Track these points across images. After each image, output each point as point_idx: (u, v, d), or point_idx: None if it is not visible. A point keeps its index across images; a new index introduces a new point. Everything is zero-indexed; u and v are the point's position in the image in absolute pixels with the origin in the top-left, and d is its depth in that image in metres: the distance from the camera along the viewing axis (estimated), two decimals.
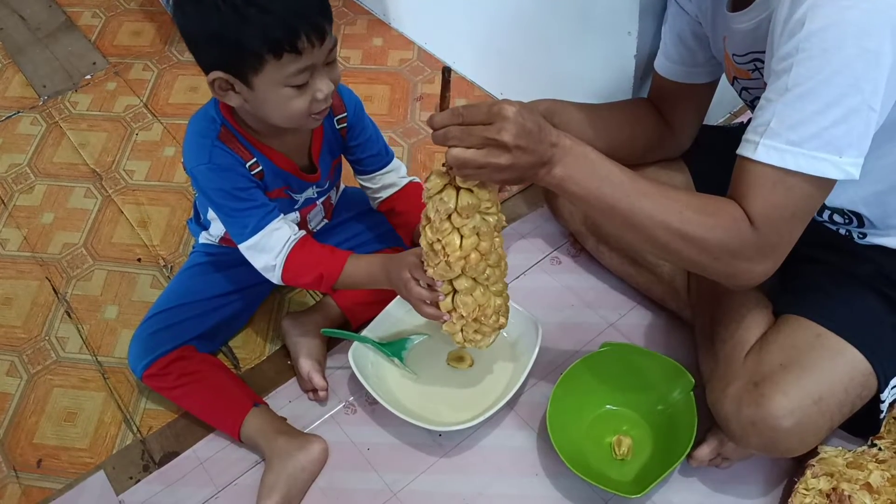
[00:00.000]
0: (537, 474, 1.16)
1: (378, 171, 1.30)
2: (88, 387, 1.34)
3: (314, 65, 1.00)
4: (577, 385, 1.17)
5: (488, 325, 1.06)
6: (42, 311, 1.46)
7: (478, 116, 0.84)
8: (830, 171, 0.81)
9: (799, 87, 0.80)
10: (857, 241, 1.06)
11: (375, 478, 1.18)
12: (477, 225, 0.94)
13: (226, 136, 1.11)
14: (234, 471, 1.20)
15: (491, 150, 0.84)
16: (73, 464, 1.24)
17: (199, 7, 0.96)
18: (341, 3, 2.13)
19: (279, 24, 0.94)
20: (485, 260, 0.97)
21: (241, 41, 0.95)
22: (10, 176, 1.74)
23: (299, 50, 0.96)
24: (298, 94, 1.01)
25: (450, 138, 0.85)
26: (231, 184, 1.11)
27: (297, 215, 1.26)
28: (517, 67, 1.68)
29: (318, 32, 0.97)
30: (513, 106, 0.83)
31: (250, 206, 1.12)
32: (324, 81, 1.02)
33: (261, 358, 1.35)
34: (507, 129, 0.82)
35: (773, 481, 1.12)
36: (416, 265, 1.05)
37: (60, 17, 2.19)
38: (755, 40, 0.96)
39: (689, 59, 1.16)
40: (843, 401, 0.96)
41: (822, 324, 0.99)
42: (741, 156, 0.86)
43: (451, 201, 0.91)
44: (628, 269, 1.34)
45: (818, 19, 0.78)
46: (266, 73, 0.98)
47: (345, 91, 1.22)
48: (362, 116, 1.25)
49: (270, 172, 1.16)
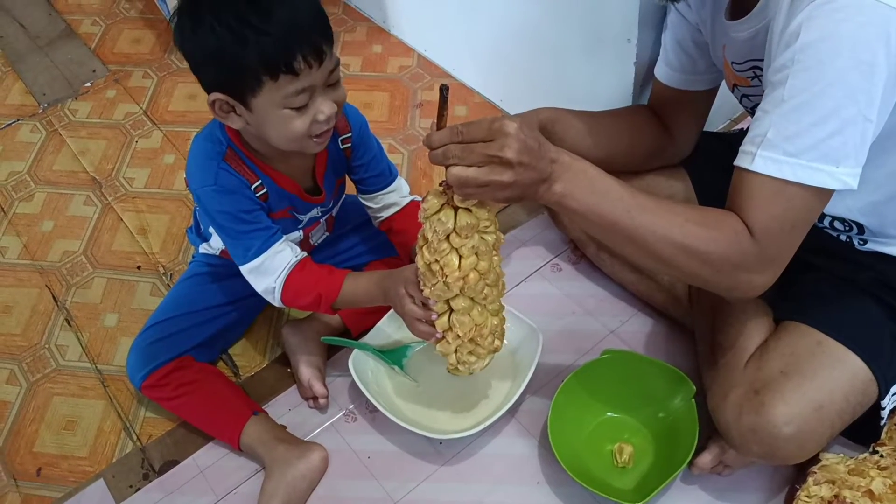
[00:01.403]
0: (538, 482, 1.16)
1: (381, 191, 1.28)
2: (88, 395, 1.34)
3: (313, 86, 0.98)
4: (578, 393, 1.17)
5: (483, 346, 1.05)
6: (42, 318, 1.46)
7: (478, 134, 0.82)
8: (828, 182, 0.81)
9: (794, 98, 0.80)
10: (857, 248, 1.06)
11: (376, 486, 1.17)
12: (476, 244, 0.92)
13: (231, 157, 1.10)
14: (233, 479, 1.20)
15: (493, 168, 0.82)
16: (73, 472, 1.24)
17: (197, 27, 0.95)
18: (341, 11, 2.14)
19: (275, 44, 0.93)
20: (483, 280, 0.96)
21: (238, 61, 0.94)
22: (10, 183, 1.74)
23: (296, 71, 0.95)
24: (298, 116, 1.00)
25: (449, 157, 0.83)
26: (236, 206, 1.10)
27: (301, 233, 1.25)
28: (516, 74, 1.68)
29: (316, 53, 0.96)
30: (513, 122, 0.82)
31: (254, 228, 1.12)
32: (325, 103, 1.01)
33: (261, 366, 1.35)
34: (509, 146, 0.81)
35: (774, 489, 1.12)
36: (411, 281, 1.04)
37: (60, 25, 2.19)
38: (753, 48, 0.96)
39: (689, 67, 1.17)
40: (844, 408, 0.96)
41: (822, 331, 0.99)
42: (739, 167, 0.86)
43: (450, 221, 0.90)
44: (629, 276, 1.33)
45: (813, 31, 0.78)
46: (264, 95, 0.98)
47: (350, 110, 1.21)
48: (367, 136, 1.24)
49: (275, 194, 1.15)
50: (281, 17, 0.93)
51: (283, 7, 0.93)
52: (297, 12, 0.95)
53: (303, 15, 0.95)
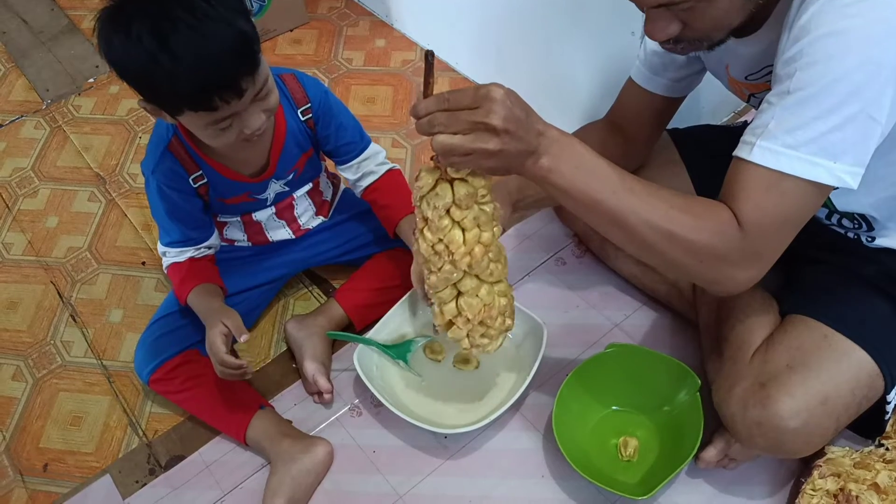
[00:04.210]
0: (543, 476, 1.16)
1: (355, 160, 1.28)
2: (94, 391, 1.34)
3: (237, 112, 0.98)
4: (583, 387, 1.17)
5: (494, 327, 1.04)
6: (47, 315, 1.47)
7: (464, 101, 0.79)
8: (824, 177, 0.80)
9: (800, 91, 0.79)
10: (865, 244, 1.05)
11: (381, 480, 1.18)
12: (476, 215, 0.91)
13: (175, 146, 1.13)
14: (239, 474, 1.20)
15: (479, 135, 0.79)
16: (80, 468, 1.25)
17: (116, 49, 0.93)
18: (343, 5, 2.13)
19: (188, 84, 0.91)
20: (488, 253, 0.95)
21: (156, 89, 0.94)
22: (14, 180, 1.74)
23: (213, 108, 0.94)
24: (224, 133, 1.00)
25: (435, 125, 0.80)
26: (167, 197, 1.16)
27: (272, 210, 1.26)
28: (519, 68, 1.68)
29: (234, 90, 0.94)
30: (500, 89, 0.79)
31: (176, 222, 1.19)
32: (252, 117, 1.00)
33: (266, 361, 1.35)
34: (495, 112, 0.78)
35: (779, 482, 1.12)
36: (224, 330, 1.11)
37: (63, 20, 2.19)
38: (766, 56, 0.94)
39: (671, 71, 1.13)
40: (850, 402, 0.96)
41: (829, 324, 0.98)
42: (736, 157, 0.85)
43: (447, 195, 0.89)
44: (633, 269, 1.33)
45: (823, 26, 0.77)
46: (186, 118, 0.98)
47: (309, 81, 1.20)
48: (329, 105, 1.22)
49: (221, 184, 1.17)
50: (190, 56, 0.90)
51: (190, 46, 0.90)
52: (209, 49, 0.91)
53: (216, 49, 0.91)
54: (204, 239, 1.24)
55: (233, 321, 1.11)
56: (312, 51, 2.00)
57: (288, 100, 1.18)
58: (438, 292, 1.01)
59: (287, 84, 1.18)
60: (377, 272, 1.35)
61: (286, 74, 1.19)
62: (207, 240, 1.25)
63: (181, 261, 1.23)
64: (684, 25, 0.86)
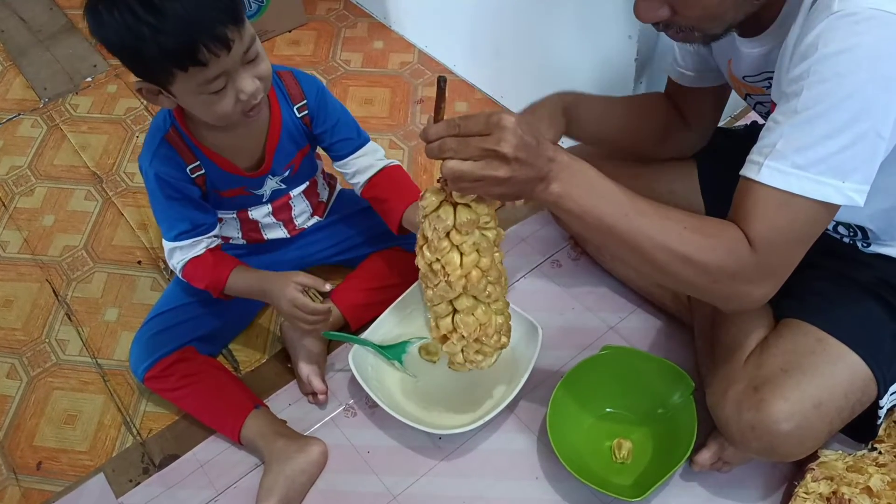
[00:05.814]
0: (537, 478, 1.16)
1: (351, 156, 1.28)
2: (88, 389, 1.34)
3: (227, 70, 0.98)
4: (578, 389, 1.17)
5: (489, 344, 1.03)
6: (42, 313, 1.47)
7: (475, 127, 0.80)
8: (834, 196, 0.80)
9: (809, 110, 0.79)
10: (861, 250, 1.06)
11: (375, 481, 1.18)
12: (476, 241, 0.91)
13: (173, 137, 1.13)
14: (233, 473, 1.20)
15: (489, 162, 0.80)
16: (73, 466, 1.24)
17: (104, 20, 0.94)
18: (342, 6, 2.13)
19: (173, 39, 0.92)
20: (486, 277, 0.95)
21: (142, 56, 0.94)
22: (11, 178, 1.74)
23: (203, 62, 0.94)
24: (220, 98, 1.00)
25: (445, 150, 0.81)
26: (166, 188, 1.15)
27: (269, 208, 1.26)
28: (517, 70, 1.68)
29: (221, 41, 0.94)
30: (511, 117, 0.80)
31: (179, 214, 1.17)
32: (245, 81, 1.01)
33: (261, 361, 1.35)
34: (506, 140, 0.79)
35: (773, 485, 1.12)
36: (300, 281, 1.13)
37: (61, 19, 2.19)
38: (768, 62, 0.95)
39: (702, 66, 1.14)
40: (843, 406, 0.96)
41: (823, 328, 0.99)
42: (744, 177, 0.84)
43: (449, 218, 0.89)
44: (629, 272, 1.34)
45: (832, 43, 0.77)
46: (179, 84, 0.98)
47: (304, 77, 1.21)
48: (326, 102, 1.22)
49: (217, 175, 1.17)
50: (174, 9, 0.91)
51: (174, 1, 0.91)
52: (192, 1, 0.92)
53: (198, 3, 0.93)
54: (211, 226, 1.22)
55: (305, 275, 1.16)
56: (310, 52, 2.00)
57: (284, 95, 1.19)
58: (435, 306, 1.00)
59: (283, 80, 1.19)
60: (373, 272, 1.35)
61: (283, 71, 1.20)
62: (215, 228, 1.23)
63: (200, 253, 1.21)
64: (674, 12, 0.87)
